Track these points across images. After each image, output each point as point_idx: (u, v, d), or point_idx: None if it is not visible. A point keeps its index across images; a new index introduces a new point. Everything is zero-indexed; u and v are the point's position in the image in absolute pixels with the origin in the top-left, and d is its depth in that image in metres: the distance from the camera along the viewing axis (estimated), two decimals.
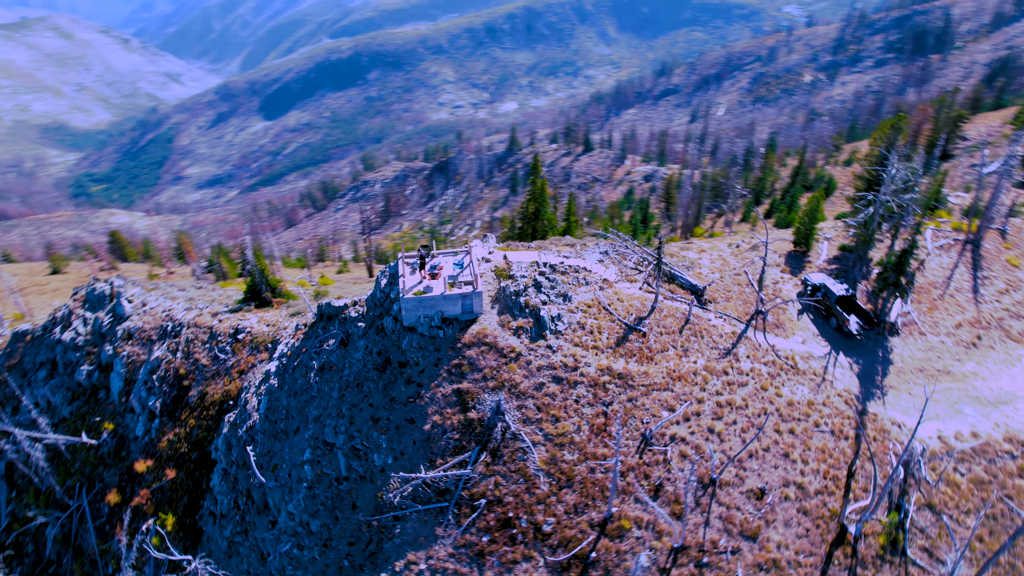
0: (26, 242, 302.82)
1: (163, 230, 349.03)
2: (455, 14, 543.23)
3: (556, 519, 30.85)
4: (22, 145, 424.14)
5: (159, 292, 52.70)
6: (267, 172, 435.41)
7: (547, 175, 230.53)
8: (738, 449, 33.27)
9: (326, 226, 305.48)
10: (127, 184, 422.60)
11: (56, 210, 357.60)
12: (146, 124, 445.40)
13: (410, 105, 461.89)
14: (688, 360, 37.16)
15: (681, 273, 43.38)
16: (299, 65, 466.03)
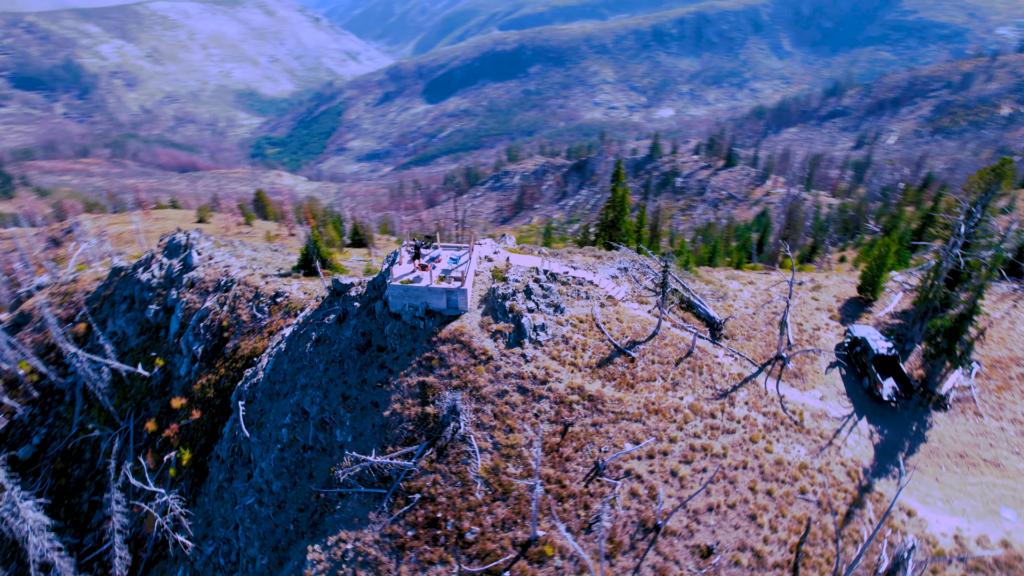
0: (205, 191, 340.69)
1: (320, 195, 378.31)
2: (624, 14, 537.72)
3: (481, 529, 30.21)
4: (220, 107, 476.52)
5: (228, 249, 57.56)
6: (421, 152, 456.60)
7: (682, 186, 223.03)
8: (699, 500, 30.68)
9: (462, 210, 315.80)
10: (297, 150, 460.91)
11: (236, 167, 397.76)
12: (322, 96, 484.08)
13: (566, 102, 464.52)
14: (674, 395, 34.72)
15: (700, 302, 40.49)
16: (465, 53, 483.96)
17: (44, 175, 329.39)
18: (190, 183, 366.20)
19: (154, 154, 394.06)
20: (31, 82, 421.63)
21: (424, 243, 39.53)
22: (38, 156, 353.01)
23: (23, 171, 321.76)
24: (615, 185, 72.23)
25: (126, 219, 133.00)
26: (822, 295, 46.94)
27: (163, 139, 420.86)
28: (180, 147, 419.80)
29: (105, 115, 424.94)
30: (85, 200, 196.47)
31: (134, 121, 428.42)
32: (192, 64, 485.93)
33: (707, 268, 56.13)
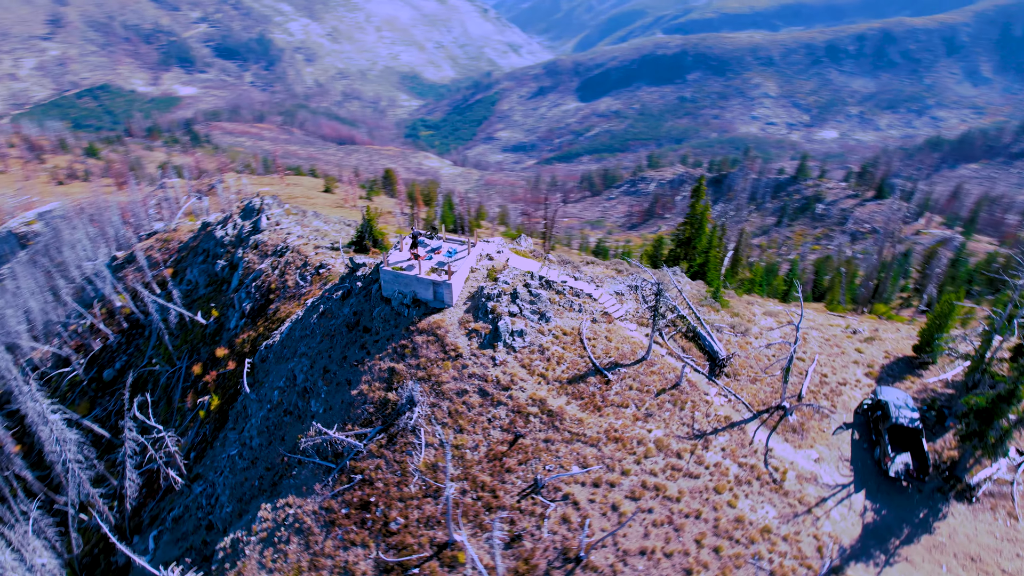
0: (356, 164, 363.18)
1: (461, 180, 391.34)
2: (799, 27, 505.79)
3: (406, 522, 30.26)
4: (384, 87, 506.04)
5: (296, 218, 61.36)
6: (566, 149, 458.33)
7: (822, 213, 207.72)
8: (634, 541, 28.74)
9: (592, 211, 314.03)
10: (449, 134, 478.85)
11: (388, 144, 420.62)
12: (478, 85, 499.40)
13: (721, 113, 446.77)
14: (643, 426, 32.67)
15: (707, 333, 37.62)
16: (624, 55, 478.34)
17: (224, 135, 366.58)
18: (345, 155, 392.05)
19: (319, 125, 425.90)
20: (230, 52, 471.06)
21: (429, 233, 39.89)
22: (223, 118, 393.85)
23: (209, 130, 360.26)
24: (695, 201, 68.79)
25: (263, 181, 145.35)
26: (871, 347, 42.00)
27: (329, 112, 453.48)
28: (343, 121, 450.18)
29: (284, 86, 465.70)
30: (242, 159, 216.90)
31: (307, 93, 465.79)
32: (365, 45, 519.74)
33: (753, 299, 51.92)
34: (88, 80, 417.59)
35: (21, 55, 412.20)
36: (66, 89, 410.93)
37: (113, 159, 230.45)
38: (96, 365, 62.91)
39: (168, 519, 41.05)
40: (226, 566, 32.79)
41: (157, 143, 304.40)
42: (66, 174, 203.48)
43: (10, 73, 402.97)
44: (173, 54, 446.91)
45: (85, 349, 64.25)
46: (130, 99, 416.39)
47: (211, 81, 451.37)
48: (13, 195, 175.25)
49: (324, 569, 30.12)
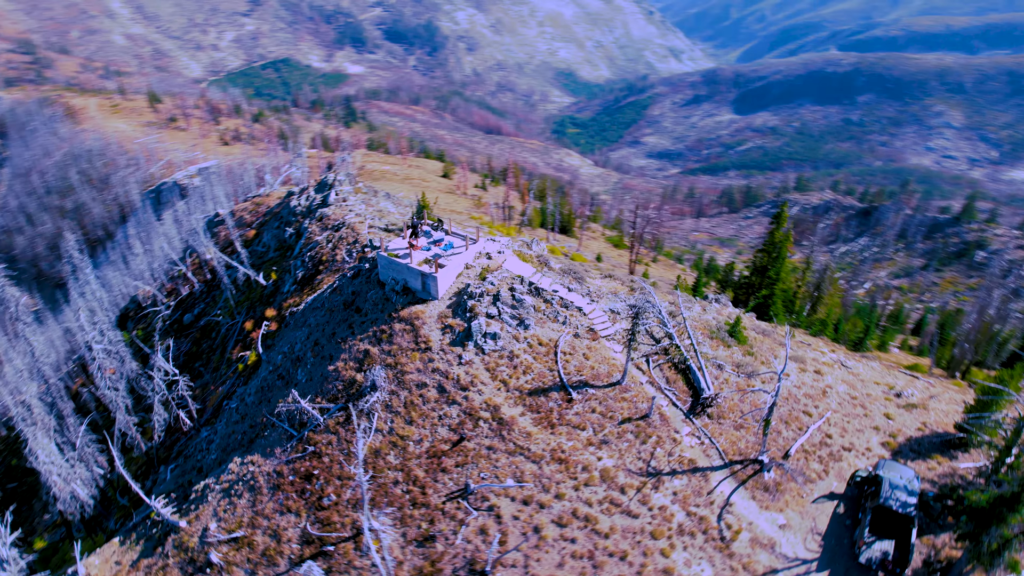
0: (498, 154, 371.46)
1: (599, 181, 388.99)
2: (1004, 50, 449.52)
3: (337, 500, 30.94)
4: (538, 81, 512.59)
5: (364, 197, 63.95)
6: (713, 161, 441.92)
7: (982, 261, 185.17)
8: (547, 568, 27.53)
9: (726, 229, 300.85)
10: (595, 134, 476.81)
11: (533, 138, 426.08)
12: (632, 88, 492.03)
13: (891, 140, 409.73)
14: (594, 452, 31.05)
15: (699, 367, 34.86)
16: (790, 69, 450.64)
17: (380, 113, 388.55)
18: (488, 144, 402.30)
19: (469, 113, 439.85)
20: (398, 36, 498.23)
21: (435, 224, 40.13)
22: (382, 97, 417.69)
23: (367, 108, 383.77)
24: (775, 228, 63.90)
25: (388, 160, 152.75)
26: (907, 415, 37.04)
27: (482, 101, 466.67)
28: (493, 111, 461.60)
29: (443, 72, 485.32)
30: (383, 137, 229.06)
31: (464, 81, 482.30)
32: (525, 38, 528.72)
33: (809, 341, 47.13)
34: (273, 53, 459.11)
35: (224, 28, 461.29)
36: (254, 61, 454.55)
37: (274, 126, 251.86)
38: (180, 309, 69.50)
39: (180, 457, 44.77)
40: (192, 507, 35.25)
41: (318, 115, 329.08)
42: (232, 136, 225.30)
43: (213, 44, 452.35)
44: (348, 34, 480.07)
45: (176, 293, 71.17)
46: (305, 73, 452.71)
47: (378, 62, 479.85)
48: (185, 151, 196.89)
49: (259, 528, 31.54)
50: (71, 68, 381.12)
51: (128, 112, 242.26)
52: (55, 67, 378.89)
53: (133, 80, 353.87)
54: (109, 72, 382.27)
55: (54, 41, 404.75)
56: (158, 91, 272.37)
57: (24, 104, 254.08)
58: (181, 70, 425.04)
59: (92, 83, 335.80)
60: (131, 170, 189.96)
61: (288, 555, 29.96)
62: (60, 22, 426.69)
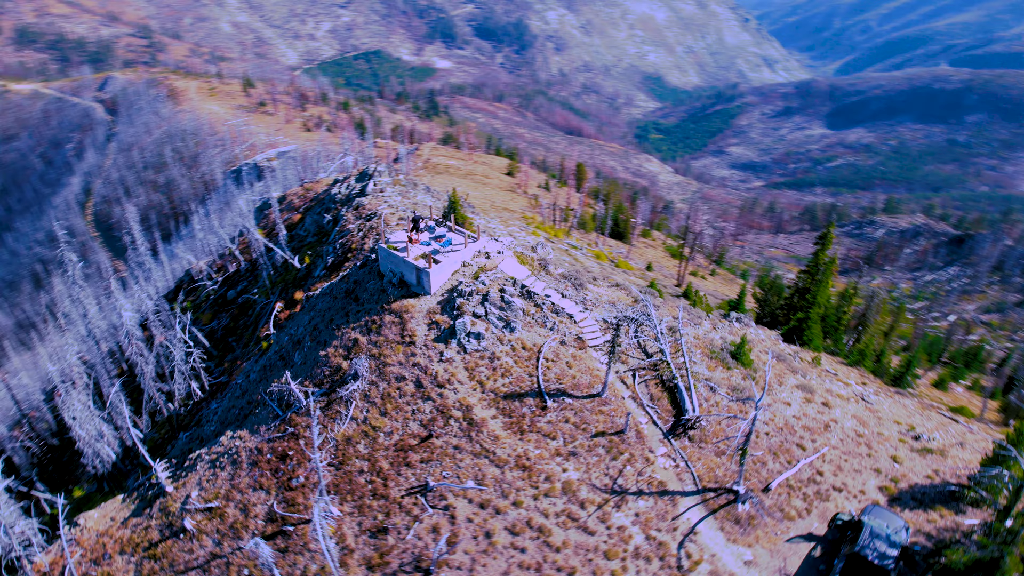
0: (576, 155, 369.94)
1: (677, 189, 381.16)
2: None
3: (304, 483, 31.56)
4: (624, 85, 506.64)
5: (402, 189, 64.85)
6: (799, 176, 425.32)
7: None
8: (493, 573, 27.16)
9: (804, 247, 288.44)
10: (678, 141, 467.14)
11: (613, 142, 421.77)
12: (720, 96, 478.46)
13: (1000, 165, 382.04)
14: (560, 463, 30.37)
15: (687, 386, 33.43)
16: (891, 84, 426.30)
17: (462, 109, 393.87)
18: (567, 145, 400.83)
19: (552, 113, 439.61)
20: (488, 33, 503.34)
21: (440, 219, 40.16)
22: (466, 93, 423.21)
23: (450, 103, 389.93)
24: (819, 250, 60.56)
25: (454, 155, 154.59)
26: (920, 461, 34.40)
27: (565, 102, 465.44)
28: (576, 112, 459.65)
29: (530, 71, 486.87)
30: (459, 131, 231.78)
31: (549, 81, 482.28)
32: (615, 41, 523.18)
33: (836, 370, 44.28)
34: (366, 45, 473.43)
35: (321, 19, 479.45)
36: (348, 51, 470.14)
37: (357, 115, 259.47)
38: (226, 285, 72.73)
39: (194, 425, 46.86)
40: (182, 474, 36.83)
41: (402, 107, 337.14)
42: (315, 123, 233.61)
43: (310, 33, 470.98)
44: (439, 29, 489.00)
45: (224, 270, 74.54)
46: (394, 65, 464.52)
47: (465, 58, 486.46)
48: (268, 134, 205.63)
49: (233, 501, 32.60)
50: (181, 52, 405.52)
51: (223, 95, 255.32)
52: (168, 51, 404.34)
53: (234, 65, 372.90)
54: (214, 57, 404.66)
55: (169, 27, 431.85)
56: (253, 77, 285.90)
57: (134, 84, 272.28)
58: (279, 58, 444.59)
59: (198, 67, 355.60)
60: (218, 150, 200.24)
61: (252, 530, 30.82)
62: (175, 9, 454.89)
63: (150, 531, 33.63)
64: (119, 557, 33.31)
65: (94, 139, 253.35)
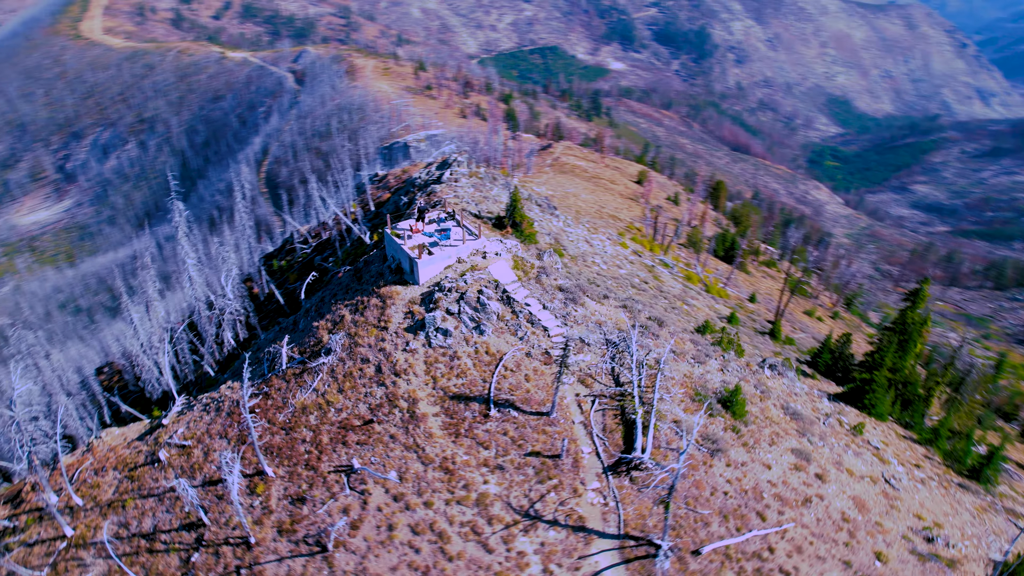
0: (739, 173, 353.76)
1: (844, 223, 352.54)
2: None
3: (259, 438, 33.37)
4: (805, 105, 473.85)
5: (476, 181, 65.54)
6: (996, 226, 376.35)
7: None
8: (382, 567, 27.29)
9: (981, 307, 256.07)
10: (854, 172, 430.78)
11: (780, 164, 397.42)
12: (916, 128, 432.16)
13: None
14: (484, 474, 29.69)
15: (641, 425, 31.05)
16: None
17: (626, 113, 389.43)
18: (730, 161, 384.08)
19: (719, 126, 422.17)
20: (667, 38, 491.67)
21: (450, 213, 40.21)
22: (633, 97, 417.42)
23: (615, 105, 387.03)
24: (908, 307, 53.45)
25: (586, 156, 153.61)
26: (914, 564, 29.68)
27: (737, 116, 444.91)
28: (746, 128, 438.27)
29: (704, 81, 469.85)
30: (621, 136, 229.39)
31: (723, 93, 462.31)
32: (803, 58, 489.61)
33: (888, 443, 38.84)
34: (543, 40, 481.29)
35: (505, 11, 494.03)
36: (525, 45, 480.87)
37: (516, 109, 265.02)
38: (316, 252, 78.09)
39: (228, 369, 51.08)
40: (186, 412, 40.37)
41: (564, 104, 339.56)
42: (472, 111, 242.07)
43: (492, 25, 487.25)
44: (617, 31, 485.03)
45: (319, 237, 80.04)
46: (568, 63, 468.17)
47: (640, 62, 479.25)
48: (425, 117, 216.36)
49: (202, 444, 35.29)
50: (372, 33, 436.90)
51: (395, 76, 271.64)
52: (361, 31, 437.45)
53: (417, 49, 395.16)
54: (401, 40, 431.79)
55: (366, 9, 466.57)
56: (429, 61, 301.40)
57: (322, 59, 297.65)
58: (460, 45, 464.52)
59: (383, 48, 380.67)
60: (377, 127, 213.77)
61: (204, 472, 33.21)
62: None
63: (139, 455, 37.28)
64: (112, 472, 37.28)
65: (280, 105, 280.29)
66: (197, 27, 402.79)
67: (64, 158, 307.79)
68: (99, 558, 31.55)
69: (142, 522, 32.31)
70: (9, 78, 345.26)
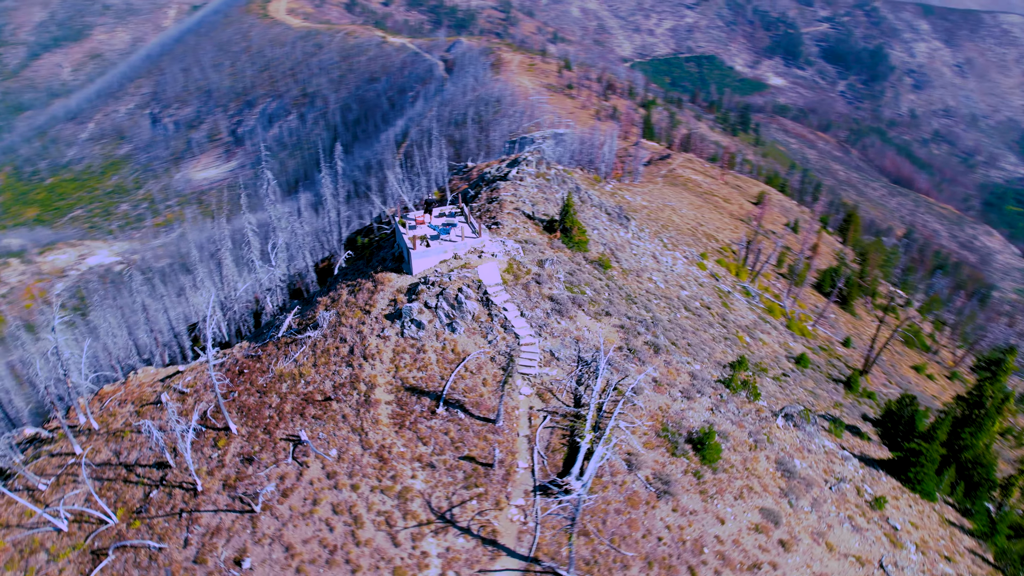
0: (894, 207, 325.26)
1: (1016, 275, 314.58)
2: None
3: (236, 398, 35.58)
4: (991, 141, 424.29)
5: (539, 182, 64.84)
6: None
7: None
8: (296, 536, 28.31)
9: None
10: None
11: (947, 203, 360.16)
12: None
13: None
14: (414, 469, 29.82)
15: (588, 451, 29.59)
16: None
17: (777, 131, 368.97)
18: (886, 194, 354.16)
19: (881, 155, 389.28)
20: (836, 57, 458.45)
21: (460, 208, 40.22)
22: (788, 115, 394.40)
23: (766, 122, 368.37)
24: (985, 380, 46.88)
25: (704, 171, 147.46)
26: None
27: (905, 147, 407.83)
28: (914, 160, 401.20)
29: (872, 106, 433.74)
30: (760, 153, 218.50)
31: (893, 120, 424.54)
32: (997, 87, 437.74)
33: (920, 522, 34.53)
34: (702, 49, 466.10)
35: (666, 16, 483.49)
36: (681, 52, 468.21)
37: (656, 115, 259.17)
38: None
39: None
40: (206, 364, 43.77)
41: (710, 116, 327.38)
42: (607, 114, 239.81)
43: (650, 29, 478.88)
44: (782, 44, 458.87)
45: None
46: (724, 73, 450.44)
47: (803, 79, 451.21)
48: (558, 115, 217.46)
49: (196, 394, 38.17)
50: (529, 28, 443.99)
51: (538, 72, 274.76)
52: (519, 26, 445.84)
53: (571, 48, 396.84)
54: (556, 38, 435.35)
55: (527, 4, 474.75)
56: (576, 61, 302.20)
57: (472, 50, 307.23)
58: (615, 47, 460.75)
59: (536, 44, 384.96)
60: (509, 120, 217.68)
61: (190, 422, 35.89)
62: None
63: (152, 394, 40.98)
64: (129, 405, 41.29)
65: (427, 91, 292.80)
66: (368, 12, 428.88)
67: (237, 123, 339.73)
68: (90, 478, 35.07)
69: (130, 454, 35.52)
70: (206, 49, 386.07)
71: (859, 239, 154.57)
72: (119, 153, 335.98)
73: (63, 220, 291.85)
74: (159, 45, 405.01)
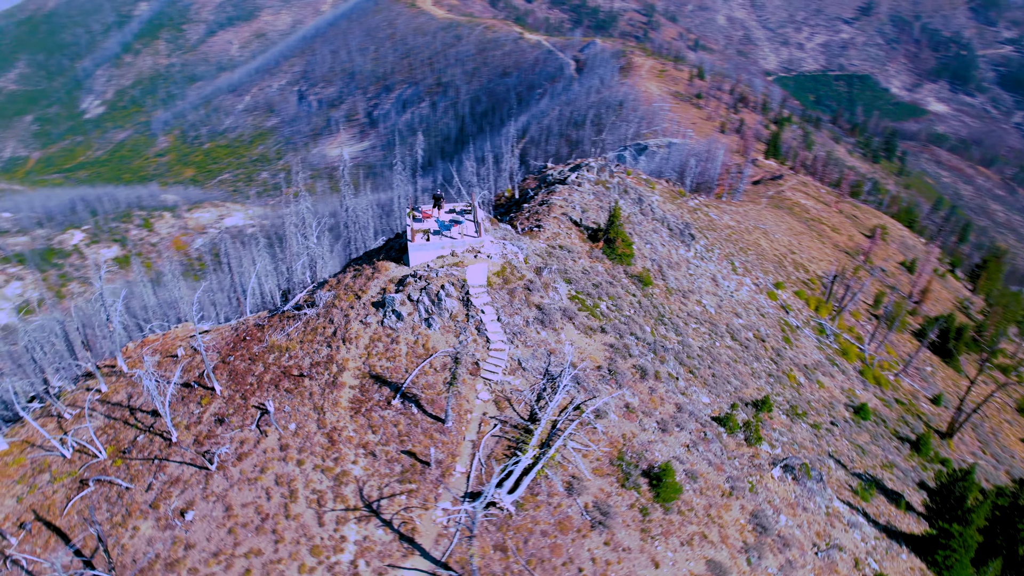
0: None
1: None
2: None
3: (230, 363, 37.79)
4: None
5: (595, 188, 63.18)
6: None
7: None
8: (236, 499, 29.79)
9: None
10: None
11: None
12: None
13: None
14: (358, 455, 30.42)
15: (525, 469, 28.76)
16: None
17: (928, 162, 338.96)
18: None
19: None
20: (1016, 83, 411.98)
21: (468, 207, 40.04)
22: (944, 146, 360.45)
23: (917, 151, 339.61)
24: None
25: (818, 195, 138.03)
26: None
27: None
28: None
29: None
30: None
31: None
32: None
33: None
34: (855, 67, 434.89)
35: (818, 31, 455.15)
36: (831, 69, 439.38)
37: (788, 134, 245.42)
38: None
39: None
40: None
41: (849, 139, 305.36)
42: (733, 127, 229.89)
43: (800, 43, 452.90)
44: (950, 68, 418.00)
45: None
46: (877, 95, 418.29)
47: (970, 107, 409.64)
48: (678, 124, 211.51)
49: (205, 353, 40.93)
50: (670, 34, 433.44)
51: (668, 79, 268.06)
52: (660, 31, 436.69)
53: (712, 56, 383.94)
54: (697, 45, 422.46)
55: (671, 10, 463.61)
56: (713, 70, 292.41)
57: (604, 52, 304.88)
58: (758, 59, 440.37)
59: (678, 51, 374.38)
60: (627, 125, 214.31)
61: (189, 379, 38.62)
62: None
63: (176, 348, 44.39)
64: (156, 355, 44.95)
65: (554, 90, 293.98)
66: (510, 7, 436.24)
67: (374, 106, 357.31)
68: (100, 415, 38.63)
69: (140, 398, 38.73)
70: (354, 34, 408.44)
71: (994, 287, 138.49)
72: (267, 125, 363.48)
73: (212, 182, 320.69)
74: (315, 27, 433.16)
